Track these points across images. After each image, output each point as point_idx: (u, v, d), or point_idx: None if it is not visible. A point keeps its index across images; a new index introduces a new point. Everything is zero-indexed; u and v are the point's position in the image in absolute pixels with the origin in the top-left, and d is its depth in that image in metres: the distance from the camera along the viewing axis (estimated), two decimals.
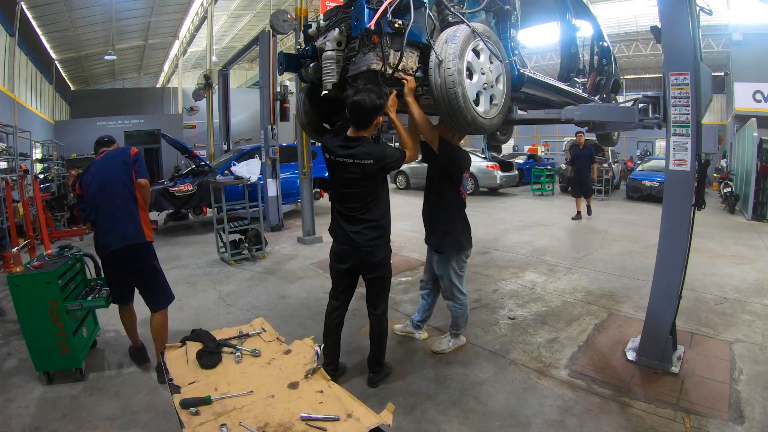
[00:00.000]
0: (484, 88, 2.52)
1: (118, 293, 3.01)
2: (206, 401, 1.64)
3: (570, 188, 9.97)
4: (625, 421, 2.39)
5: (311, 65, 2.78)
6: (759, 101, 12.86)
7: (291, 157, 8.57)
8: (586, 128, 4.41)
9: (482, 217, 9.12)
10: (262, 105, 7.71)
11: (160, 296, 2.99)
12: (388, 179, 3.62)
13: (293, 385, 1.74)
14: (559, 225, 8.26)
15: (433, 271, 3.19)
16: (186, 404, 1.60)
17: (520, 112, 3.24)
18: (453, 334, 3.25)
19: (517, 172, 13.94)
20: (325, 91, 2.52)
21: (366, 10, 2.18)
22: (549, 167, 14.15)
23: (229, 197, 6.16)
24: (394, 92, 2.51)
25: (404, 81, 2.38)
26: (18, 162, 7.79)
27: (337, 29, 2.46)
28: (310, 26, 2.77)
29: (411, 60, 2.34)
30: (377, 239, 2.60)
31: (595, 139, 7.15)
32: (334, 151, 2.55)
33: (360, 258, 2.62)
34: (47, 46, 14.24)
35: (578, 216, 8.79)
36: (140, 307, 3.06)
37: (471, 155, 13.23)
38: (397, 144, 3.20)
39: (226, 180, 6.47)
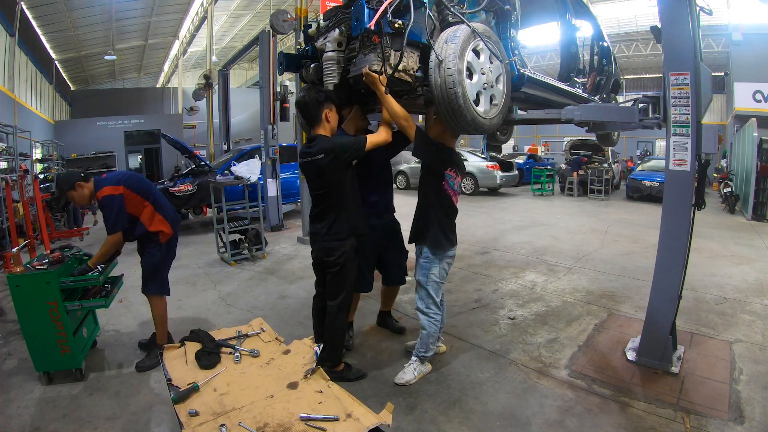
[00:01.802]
0: (484, 88, 2.52)
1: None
2: (194, 389, 1.66)
3: None
4: (625, 421, 2.39)
5: (312, 66, 2.78)
6: (759, 101, 12.86)
7: (291, 157, 8.57)
8: (586, 128, 4.41)
9: (482, 217, 9.12)
10: (262, 105, 7.71)
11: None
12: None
13: (292, 385, 1.74)
14: (559, 225, 8.26)
15: None
16: (177, 399, 1.62)
17: (520, 112, 3.24)
18: (421, 358, 2.84)
19: (517, 172, 13.94)
20: None
21: (366, 11, 2.18)
22: (549, 167, 14.15)
23: (229, 197, 6.16)
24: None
25: (371, 76, 2.30)
26: (18, 162, 7.78)
27: (337, 30, 2.46)
28: (310, 26, 2.77)
29: (411, 60, 2.34)
30: (335, 235, 2.62)
31: (595, 138, 7.16)
32: (300, 156, 2.69)
33: (319, 251, 2.70)
34: (47, 46, 14.23)
35: None
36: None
37: (471, 155, 13.13)
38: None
39: (226, 180, 6.46)
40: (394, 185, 15.13)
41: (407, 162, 14.59)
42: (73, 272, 2.88)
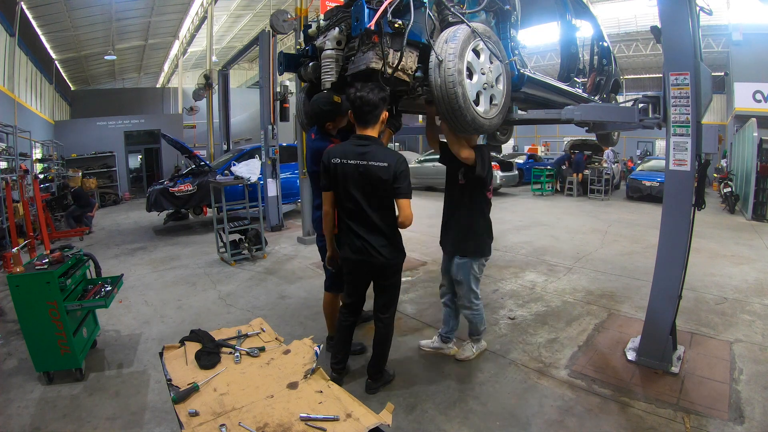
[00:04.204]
0: (484, 88, 2.52)
1: None
2: (194, 389, 1.67)
3: None
4: (625, 421, 2.39)
5: (310, 65, 2.78)
6: (759, 101, 12.85)
7: (291, 157, 8.57)
8: (586, 128, 4.41)
9: None
10: (262, 105, 7.71)
11: None
12: None
13: (292, 385, 1.74)
14: (559, 225, 8.26)
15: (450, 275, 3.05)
16: (177, 399, 1.62)
17: (520, 112, 3.24)
18: (475, 340, 3.17)
19: (517, 172, 13.93)
20: (324, 90, 2.52)
21: (366, 10, 2.19)
22: (549, 167, 14.14)
23: (229, 197, 6.16)
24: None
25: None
26: (18, 162, 7.78)
27: (337, 29, 2.46)
28: (310, 26, 2.77)
29: (411, 60, 2.34)
30: (396, 249, 2.56)
31: (595, 138, 7.16)
32: (343, 155, 2.40)
33: (373, 266, 2.56)
34: (47, 46, 14.21)
35: None
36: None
37: None
38: (396, 145, 3.18)
39: (226, 180, 6.47)
40: None
41: (407, 162, 14.51)
42: None
